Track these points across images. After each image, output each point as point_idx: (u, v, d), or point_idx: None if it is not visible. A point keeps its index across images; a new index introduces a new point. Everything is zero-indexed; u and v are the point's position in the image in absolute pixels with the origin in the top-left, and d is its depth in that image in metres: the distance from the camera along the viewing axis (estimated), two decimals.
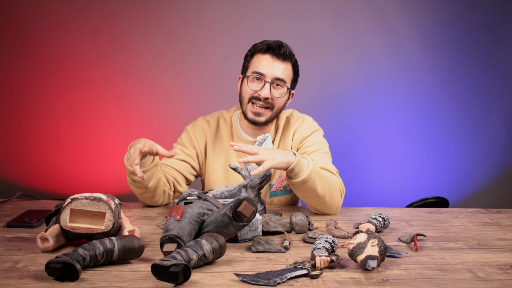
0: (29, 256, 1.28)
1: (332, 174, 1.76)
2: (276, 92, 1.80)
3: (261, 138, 1.64)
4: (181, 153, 1.89)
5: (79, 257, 1.16)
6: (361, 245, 1.20)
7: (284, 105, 1.86)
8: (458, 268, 1.24)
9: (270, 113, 1.82)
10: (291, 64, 1.83)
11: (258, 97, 1.79)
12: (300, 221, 1.50)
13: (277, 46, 1.80)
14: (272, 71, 1.78)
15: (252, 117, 1.82)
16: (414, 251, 1.36)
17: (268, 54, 1.80)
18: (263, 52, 1.81)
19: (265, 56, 1.80)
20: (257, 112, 1.81)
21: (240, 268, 1.22)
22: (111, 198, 1.35)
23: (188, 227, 1.29)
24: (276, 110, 1.83)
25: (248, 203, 1.30)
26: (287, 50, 1.81)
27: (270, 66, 1.78)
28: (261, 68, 1.79)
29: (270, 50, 1.80)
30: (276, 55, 1.79)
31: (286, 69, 1.81)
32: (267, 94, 1.78)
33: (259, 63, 1.80)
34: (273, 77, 1.78)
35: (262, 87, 1.78)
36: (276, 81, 1.79)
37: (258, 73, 1.79)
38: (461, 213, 1.81)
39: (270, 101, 1.79)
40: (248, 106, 1.82)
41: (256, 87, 1.80)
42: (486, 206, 2.72)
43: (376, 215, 1.52)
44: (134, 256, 1.23)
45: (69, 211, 1.29)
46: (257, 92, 1.79)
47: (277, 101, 1.81)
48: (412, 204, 3.15)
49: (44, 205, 1.83)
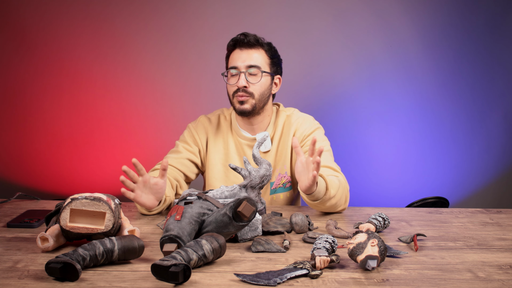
0: (29, 256, 1.28)
1: (338, 174, 1.78)
2: (252, 79, 1.85)
3: (261, 138, 1.64)
4: (184, 150, 1.93)
5: (79, 257, 1.16)
6: (361, 245, 1.20)
7: (268, 90, 1.89)
8: (458, 268, 1.24)
9: (253, 100, 1.86)
10: (263, 50, 1.88)
11: (238, 88, 1.85)
12: (300, 221, 1.50)
13: (241, 38, 1.87)
14: (242, 61, 1.85)
15: (238, 107, 1.87)
16: (414, 251, 1.36)
17: (237, 48, 1.88)
18: (232, 48, 1.90)
19: (235, 51, 1.89)
20: (240, 101, 1.86)
21: (240, 268, 1.22)
22: (111, 198, 1.35)
23: (188, 227, 1.29)
24: (258, 96, 1.86)
25: (248, 203, 1.30)
26: (251, 38, 1.87)
27: (239, 57, 1.86)
28: (233, 62, 1.87)
29: (236, 43, 1.89)
30: (243, 46, 1.87)
31: (258, 56, 1.87)
32: (243, 83, 1.84)
33: (232, 58, 1.89)
34: (245, 66, 1.85)
35: (238, 78, 1.84)
36: (248, 69, 1.85)
37: (232, 68, 1.86)
38: (461, 213, 1.81)
39: (248, 90, 1.85)
40: (234, 100, 1.88)
41: (234, 81, 1.87)
42: (486, 206, 2.71)
43: (376, 215, 1.52)
44: (134, 256, 1.23)
45: (69, 211, 1.29)
46: (235, 85, 1.86)
47: (254, 87, 1.85)
48: (412, 204, 3.15)
49: (44, 205, 1.83)
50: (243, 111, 1.87)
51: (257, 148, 1.61)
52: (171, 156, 1.91)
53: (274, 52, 1.92)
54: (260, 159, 1.59)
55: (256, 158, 1.58)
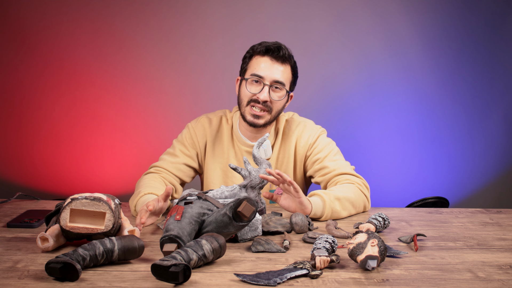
0: (29, 256, 1.28)
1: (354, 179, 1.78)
2: (275, 95, 1.79)
3: (262, 139, 1.64)
4: (181, 155, 1.88)
5: (79, 257, 1.16)
6: (361, 245, 1.20)
7: (283, 107, 1.85)
8: (458, 268, 1.24)
9: (269, 116, 1.81)
10: (290, 66, 1.82)
11: (257, 99, 1.78)
12: (300, 221, 1.50)
13: (276, 48, 1.78)
14: (271, 73, 1.77)
15: (251, 120, 1.81)
16: (414, 251, 1.36)
17: (267, 56, 1.79)
18: (261, 54, 1.79)
19: (264, 59, 1.79)
20: (256, 115, 1.80)
21: (240, 268, 1.22)
22: (111, 198, 1.35)
23: (188, 227, 1.29)
24: (274, 113, 1.82)
25: (248, 203, 1.30)
26: (286, 52, 1.79)
27: (269, 68, 1.77)
28: (260, 71, 1.77)
29: (269, 52, 1.78)
30: (275, 57, 1.78)
31: (285, 71, 1.80)
32: (266, 97, 1.77)
33: (258, 65, 1.78)
34: (272, 80, 1.77)
35: (261, 90, 1.77)
36: (275, 84, 1.78)
37: (257, 76, 1.77)
38: (461, 213, 1.81)
39: (269, 104, 1.78)
40: (247, 108, 1.81)
41: (255, 90, 1.79)
42: (486, 206, 2.71)
43: (376, 215, 1.52)
44: (134, 256, 1.23)
45: (69, 211, 1.29)
46: (256, 95, 1.78)
47: (275, 104, 1.80)
48: (412, 204, 3.15)
49: (44, 205, 1.83)
50: (255, 125, 1.82)
51: (257, 148, 1.61)
52: (167, 159, 1.87)
53: (296, 69, 1.85)
54: (260, 159, 1.59)
55: (256, 158, 1.58)
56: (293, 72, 1.84)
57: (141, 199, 1.63)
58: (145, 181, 1.75)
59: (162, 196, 1.48)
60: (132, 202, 1.67)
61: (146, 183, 1.74)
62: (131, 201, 1.69)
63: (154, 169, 1.84)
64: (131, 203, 1.68)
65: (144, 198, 1.63)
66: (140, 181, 1.78)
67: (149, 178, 1.78)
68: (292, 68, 1.83)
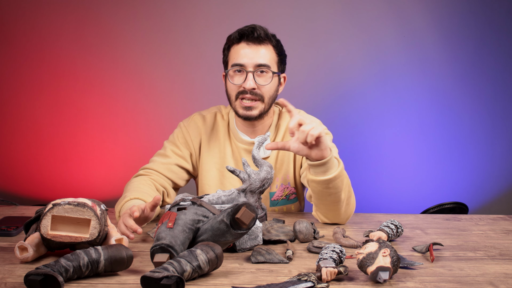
0: (7, 267, 1.28)
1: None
2: (261, 80, 1.81)
3: (262, 138, 1.64)
4: (173, 155, 1.89)
5: (62, 268, 1.16)
6: (371, 255, 1.20)
7: (276, 91, 1.86)
8: (478, 281, 1.24)
9: (262, 105, 1.83)
10: (272, 45, 1.83)
11: (244, 90, 1.80)
12: (305, 229, 1.51)
13: (250, 31, 1.80)
14: (251, 59, 1.79)
15: (243, 113, 1.82)
16: (430, 262, 1.36)
17: (243, 42, 1.81)
18: (237, 41, 1.82)
19: (240, 45, 1.82)
20: (247, 106, 1.81)
21: (238, 280, 1.22)
22: (96, 203, 1.35)
23: (181, 235, 1.30)
24: (268, 99, 1.83)
25: (247, 209, 1.30)
26: (261, 32, 1.81)
27: (247, 54, 1.79)
28: (239, 59, 1.80)
29: (243, 37, 1.81)
30: (251, 40, 1.80)
31: (266, 52, 1.81)
32: (252, 85, 1.78)
33: (237, 54, 1.81)
34: (253, 64, 1.79)
35: (245, 78, 1.79)
36: (258, 69, 1.79)
37: (237, 65, 1.80)
38: (481, 220, 1.81)
39: (257, 91, 1.80)
40: (237, 103, 1.83)
41: (239, 80, 1.81)
42: (509, 212, 2.72)
43: (388, 222, 1.53)
44: (122, 267, 1.24)
45: (50, 217, 1.29)
46: (241, 86, 1.80)
47: (265, 89, 1.81)
48: (427, 210, 3.15)
49: (22, 211, 1.83)
50: (249, 118, 1.83)
51: (257, 149, 1.61)
52: (158, 161, 1.88)
53: (281, 47, 1.87)
54: (260, 161, 1.59)
55: (256, 159, 1.58)
56: (278, 52, 1.85)
57: (126, 205, 1.63)
58: (133, 185, 1.76)
59: (149, 205, 1.48)
60: (117, 206, 1.68)
61: (134, 186, 1.74)
62: (116, 205, 1.70)
63: (144, 171, 1.85)
64: (116, 208, 1.68)
65: (129, 203, 1.63)
66: (128, 184, 1.79)
67: (138, 181, 1.79)
68: (274, 47, 1.84)
